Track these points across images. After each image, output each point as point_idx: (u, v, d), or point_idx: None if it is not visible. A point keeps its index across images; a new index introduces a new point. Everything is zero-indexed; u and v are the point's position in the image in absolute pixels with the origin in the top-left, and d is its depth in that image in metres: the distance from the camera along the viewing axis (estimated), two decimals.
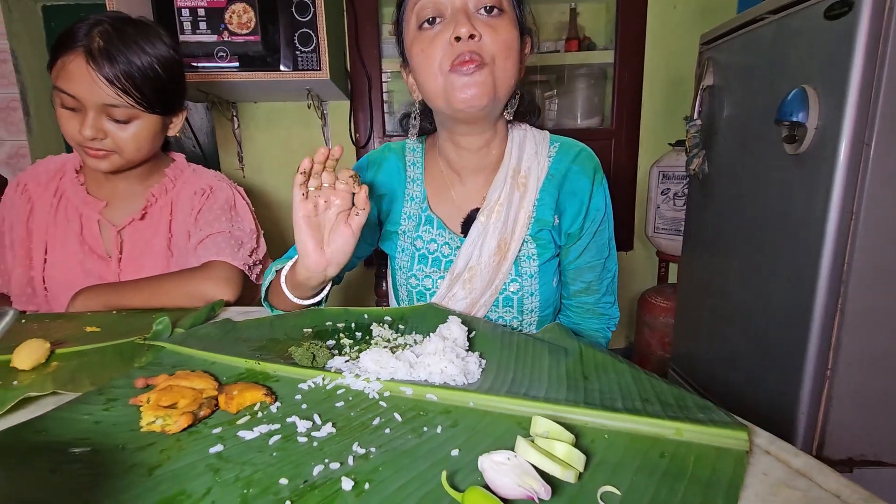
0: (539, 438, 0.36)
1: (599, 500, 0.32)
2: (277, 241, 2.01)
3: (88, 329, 0.71)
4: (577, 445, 0.35)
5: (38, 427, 0.41)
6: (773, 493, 0.32)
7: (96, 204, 0.92)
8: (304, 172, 0.65)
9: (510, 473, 0.32)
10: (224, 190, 0.99)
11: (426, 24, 0.69)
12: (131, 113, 0.84)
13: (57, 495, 0.33)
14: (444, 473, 0.34)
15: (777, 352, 1.26)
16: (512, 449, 0.35)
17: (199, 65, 1.53)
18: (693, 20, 1.94)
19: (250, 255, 0.95)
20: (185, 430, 0.42)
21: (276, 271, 0.78)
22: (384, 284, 1.15)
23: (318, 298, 0.75)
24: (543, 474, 0.33)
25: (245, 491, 0.34)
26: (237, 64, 1.53)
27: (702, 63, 1.57)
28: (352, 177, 0.66)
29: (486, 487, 0.32)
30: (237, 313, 0.78)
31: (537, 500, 0.31)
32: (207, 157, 2.04)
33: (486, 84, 0.67)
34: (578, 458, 0.34)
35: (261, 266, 1.00)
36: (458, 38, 0.65)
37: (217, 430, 0.42)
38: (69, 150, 0.98)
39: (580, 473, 0.34)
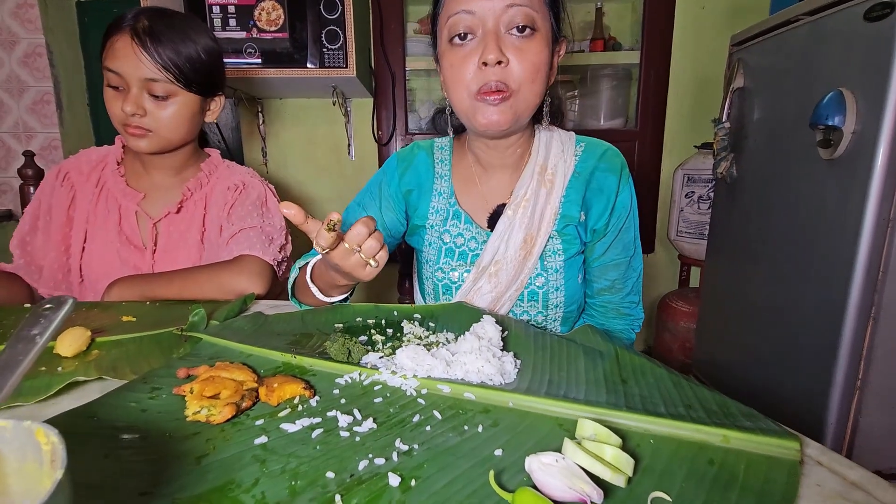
0: (586, 441, 0.36)
1: None
2: (302, 236, 2.03)
3: (125, 318, 0.72)
4: (623, 449, 0.35)
5: (89, 413, 0.42)
6: None
7: (135, 196, 0.95)
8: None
9: (560, 475, 0.32)
10: (256, 186, 1.01)
11: (457, 40, 0.70)
12: (170, 89, 0.87)
13: (112, 480, 0.34)
14: (491, 473, 0.34)
15: (805, 361, 1.23)
16: (556, 450, 0.35)
17: (228, 61, 1.54)
18: (722, 21, 1.90)
19: (280, 251, 0.96)
20: (228, 420, 0.43)
21: (300, 268, 0.79)
22: (407, 282, 1.15)
23: (344, 296, 0.76)
24: (593, 477, 0.33)
25: (293, 483, 0.35)
26: (265, 60, 1.55)
27: (731, 64, 1.54)
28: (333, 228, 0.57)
29: (534, 488, 0.32)
30: (268, 307, 0.79)
31: None
32: (232, 153, 2.06)
33: (508, 113, 0.70)
34: (627, 462, 0.34)
35: (287, 263, 1.01)
36: (485, 63, 0.67)
37: (260, 422, 0.43)
38: (99, 144, 1.01)
39: (629, 478, 0.34)
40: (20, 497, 0.28)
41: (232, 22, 1.53)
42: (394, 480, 0.34)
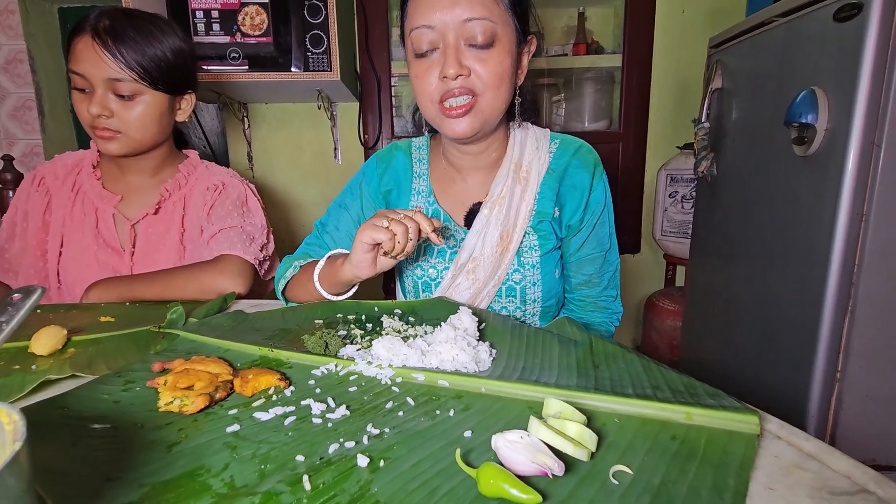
0: (551, 419, 0.36)
1: (612, 478, 0.32)
2: (287, 238, 2.02)
3: (103, 319, 0.72)
4: (588, 427, 0.36)
5: (59, 404, 0.42)
6: (784, 474, 0.32)
7: (112, 198, 0.94)
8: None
9: (524, 451, 0.32)
10: (236, 186, 1.01)
11: (420, 54, 0.71)
12: (135, 88, 0.86)
13: (79, 466, 0.34)
14: (457, 451, 0.34)
15: (786, 355, 1.25)
16: (525, 429, 0.36)
17: (212, 66, 1.55)
18: (701, 24, 1.94)
19: (261, 250, 0.96)
20: (201, 410, 0.43)
21: (300, 266, 0.81)
22: (392, 283, 1.15)
23: (351, 293, 0.77)
24: (557, 452, 0.33)
25: (262, 466, 0.35)
26: (249, 65, 1.55)
27: (710, 66, 1.57)
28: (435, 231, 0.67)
29: (500, 464, 0.33)
30: (248, 306, 0.79)
31: (551, 476, 0.32)
32: (218, 157, 2.06)
33: (475, 121, 0.71)
34: (590, 438, 0.34)
35: (269, 262, 1.01)
36: (446, 77, 0.68)
37: (233, 412, 0.43)
38: (82, 147, 1.01)
39: (592, 453, 0.34)
40: None
41: (216, 27, 1.53)
42: (362, 461, 0.35)
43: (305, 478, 0.33)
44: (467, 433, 0.38)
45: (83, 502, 0.31)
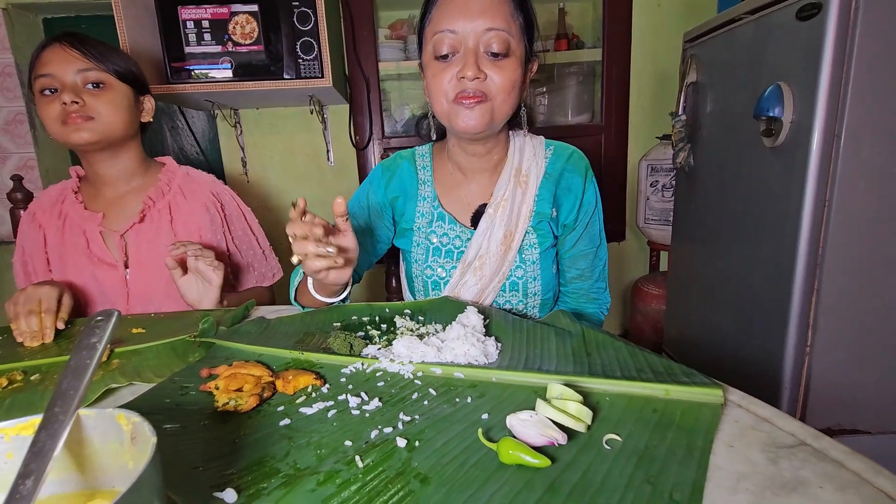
0: (554, 399, 0.44)
1: (605, 444, 0.40)
2: (285, 242, 2.07)
3: (134, 331, 0.78)
4: (584, 405, 0.44)
5: (133, 408, 0.49)
6: (742, 435, 0.41)
7: (94, 217, 0.99)
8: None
9: (534, 427, 0.40)
10: (225, 197, 1.07)
11: (441, 56, 0.77)
12: (103, 77, 0.94)
13: (166, 459, 0.41)
14: (479, 430, 0.42)
15: (761, 332, 1.35)
16: (533, 409, 0.43)
17: (203, 72, 1.58)
18: (676, 19, 2.02)
19: (275, 261, 1.05)
20: (254, 409, 0.50)
21: (301, 280, 0.87)
22: (394, 280, 1.22)
23: (344, 294, 0.83)
24: (560, 426, 0.41)
25: (318, 451, 0.42)
26: (241, 73, 1.59)
27: (685, 60, 1.65)
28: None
29: (515, 439, 0.40)
30: (268, 311, 0.86)
31: (557, 445, 0.39)
32: (211, 164, 2.09)
33: (485, 115, 0.78)
34: (587, 413, 0.42)
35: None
36: (464, 77, 0.75)
37: (281, 408, 0.50)
38: (75, 162, 1.05)
39: (589, 426, 0.42)
40: (104, 471, 0.35)
41: (207, 36, 1.56)
42: (401, 443, 0.42)
43: (357, 458, 0.40)
44: (484, 416, 0.46)
45: (182, 488, 0.37)
